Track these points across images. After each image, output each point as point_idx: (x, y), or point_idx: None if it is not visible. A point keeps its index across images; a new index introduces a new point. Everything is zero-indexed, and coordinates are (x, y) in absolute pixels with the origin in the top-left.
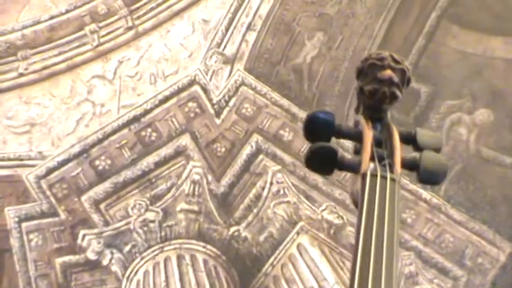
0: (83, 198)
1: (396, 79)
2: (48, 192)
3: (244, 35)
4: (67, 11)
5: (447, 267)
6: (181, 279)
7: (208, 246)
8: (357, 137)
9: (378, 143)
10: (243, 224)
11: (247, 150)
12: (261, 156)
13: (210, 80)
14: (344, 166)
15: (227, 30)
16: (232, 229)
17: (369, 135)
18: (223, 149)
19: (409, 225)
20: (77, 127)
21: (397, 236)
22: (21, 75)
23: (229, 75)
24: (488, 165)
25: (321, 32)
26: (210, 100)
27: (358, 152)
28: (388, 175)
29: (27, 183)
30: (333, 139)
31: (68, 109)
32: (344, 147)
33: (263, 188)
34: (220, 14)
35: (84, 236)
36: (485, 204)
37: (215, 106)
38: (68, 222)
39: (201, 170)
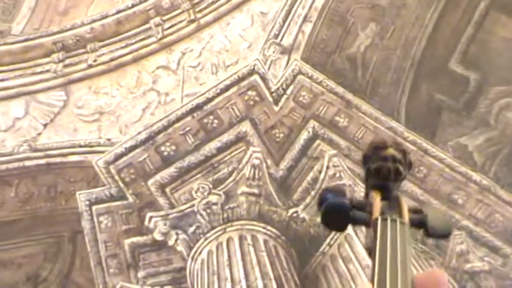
0: (150, 182)
1: (399, 156)
2: (116, 177)
3: (300, 26)
4: (133, 6)
5: (497, 246)
6: (243, 259)
7: (269, 227)
8: (369, 207)
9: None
10: (301, 206)
11: (304, 136)
12: (317, 141)
13: (269, 69)
14: (356, 220)
15: (284, 22)
16: (291, 211)
17: (378, 201)
18: (281, 135)
19: (460, 206)
20: (143, 115)
21: (410, 272)
22: (90, 66)
23: (287, 64)
24: None
25: (374, 23)
26: (269, 88)
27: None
28: (398, 219)
29: (97, 168)
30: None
31: (134, 98)
32: None
33: (320, 172)
34: (278, 7)
35: (151, 218)
36: None
37: (273, 94)
38: (136, 205)
39: (261, 155)
